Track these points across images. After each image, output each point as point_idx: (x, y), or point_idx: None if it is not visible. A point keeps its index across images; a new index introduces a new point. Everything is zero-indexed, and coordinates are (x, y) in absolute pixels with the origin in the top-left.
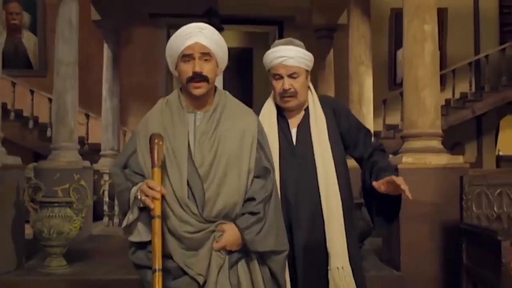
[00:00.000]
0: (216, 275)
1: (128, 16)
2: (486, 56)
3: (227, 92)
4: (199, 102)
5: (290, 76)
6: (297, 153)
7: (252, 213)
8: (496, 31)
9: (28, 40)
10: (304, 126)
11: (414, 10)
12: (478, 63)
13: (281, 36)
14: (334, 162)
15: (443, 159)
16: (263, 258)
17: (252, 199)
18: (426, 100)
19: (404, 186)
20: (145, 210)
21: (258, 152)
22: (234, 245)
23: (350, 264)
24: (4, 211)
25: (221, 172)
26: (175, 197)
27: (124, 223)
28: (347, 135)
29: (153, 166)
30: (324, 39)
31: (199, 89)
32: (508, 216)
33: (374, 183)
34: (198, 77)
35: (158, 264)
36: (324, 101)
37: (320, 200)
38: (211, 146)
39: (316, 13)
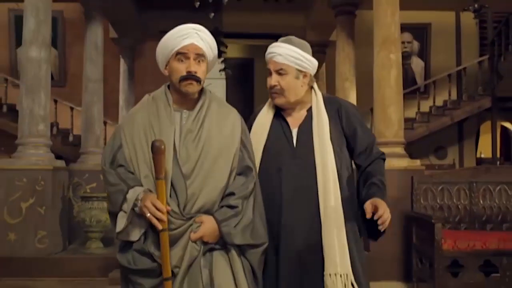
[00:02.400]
0: (186, 266)
1: (141, 33)
2: (464, 68)
3: (211, 91)
4: (186, 101)
5: (278, 72)
6: (297, 155)
7: (230, 207)
8: (476, 44)
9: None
10: (306, 127)
11: (382, 42)
12: (460, 74)
13: None
14: (336, 165)
15: (404, 162)
16: (241, 250)
17: (231, 193)
18: (392, 115)
19: (381, 216)
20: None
21: (241, 151)
22: (211, 237)
23: (353, 270)
24: (54, 205)
25: (206, 170)
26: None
27: (118, 229)
28: (350, 139)
29: (157, 178)
30: (317, 54)
31: (191, 87)
32: (448, 206)
33: (365, 207)
34: (192, 78)
35: (168, 272)
36: (329, 101)
37: (319, 203)
38: (196, 144)
39: (310, 30)
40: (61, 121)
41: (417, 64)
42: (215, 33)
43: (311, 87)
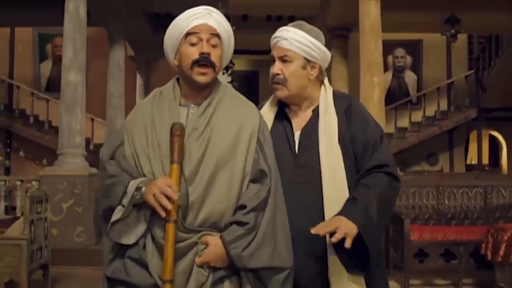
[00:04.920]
0: None
1: (156, 51)
2: (452, 82)
3: (228, 85)
4: (197, 94)
5: (282, 59)
6: (300, 163)
7: (240, 223)
8: (465, 58)
9: None
10: (310, 129)
11: (367, 66)
12: (450, 87)
13: None
14: (347, 176)
15: None
16: (258, 277)
17: (242, 206)
18: None
19: (319, 230)
20: (134, 208)
21: (257, 153)
22: (218, 261)
23: None
24: (90, 205)
25: (209, 174)
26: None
27: (114, 218)
28: (353, 143)
29: (172, 162)
30: None
31: (204, 76)
32: (419, 206)
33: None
34: (205, 60)
35: (169, 275)
36: (339, 98)
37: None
38: (200, 144)
39: None
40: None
41: (410, 77)
42: None
43: (322, 82)
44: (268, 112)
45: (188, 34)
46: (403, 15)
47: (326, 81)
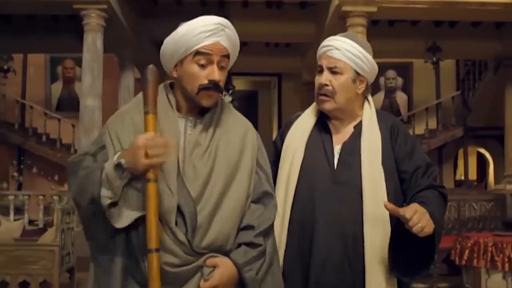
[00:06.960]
0: None
1: (162, 74)
2: (440, 102)
3: (224, 100)
4: (194, 107)
5: (331, 70)
6: (338, 179)
7: (251, 245)
8: (454, 80)
9: (79, 88)
10: (352, 145)
11: None
12: (438, 107)
13: (280, 84)
14: (388, 195)
15: None
16: None
17: (250, 227)
18: None
19: (408, 215)
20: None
21: (258, 172)
22: (228, 285)
23: None
24: None
25: (218, 193)
26: (160, 219)
27: (107, 201)
28: (401, 165)
29: (147, 112)
30: (312, 91)
31: (211, 99)
32: None
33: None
34: (215, 87)
35: (155, 243)
36: (381, 116)
37: (363, 247)
38: (206, 160)
39: (305, 71)
40: None
41: (401, 97)
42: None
43: (365, 98)
44: (307, 122)
45: (197, 52)
46: (389, 43)
47: (370, 97)
